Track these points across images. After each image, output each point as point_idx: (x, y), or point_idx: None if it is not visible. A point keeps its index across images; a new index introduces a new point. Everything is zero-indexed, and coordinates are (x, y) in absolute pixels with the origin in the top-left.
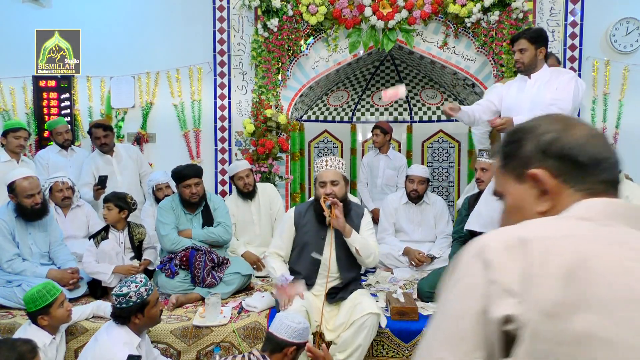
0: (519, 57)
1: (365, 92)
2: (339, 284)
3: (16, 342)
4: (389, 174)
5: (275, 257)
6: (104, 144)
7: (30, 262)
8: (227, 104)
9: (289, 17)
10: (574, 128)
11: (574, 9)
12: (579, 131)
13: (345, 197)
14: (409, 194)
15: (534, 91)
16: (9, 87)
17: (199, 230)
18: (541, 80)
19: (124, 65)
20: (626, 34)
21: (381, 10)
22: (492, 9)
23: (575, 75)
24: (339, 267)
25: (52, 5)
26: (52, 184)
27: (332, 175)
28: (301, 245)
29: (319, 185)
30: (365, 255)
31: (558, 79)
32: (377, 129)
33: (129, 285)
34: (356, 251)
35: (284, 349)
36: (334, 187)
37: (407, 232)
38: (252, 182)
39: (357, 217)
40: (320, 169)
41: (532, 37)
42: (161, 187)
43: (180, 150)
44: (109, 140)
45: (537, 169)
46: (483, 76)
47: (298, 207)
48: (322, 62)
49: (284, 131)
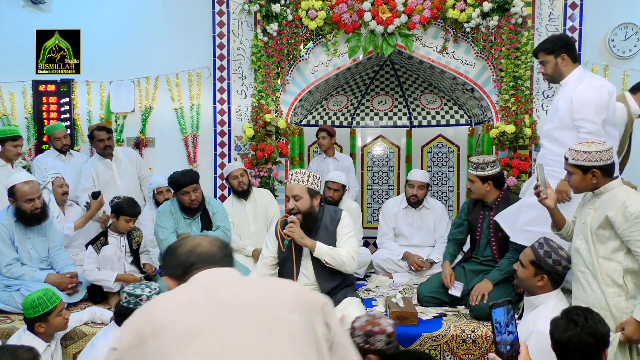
0: (542, 70)
1: (365, 96)
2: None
3: (18, 350)
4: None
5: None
6: (108, 147)
7: (29, 267)
8: (227, 108)
9: (288, 21)
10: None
11: (573, 14)
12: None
13: (310, 210)
14: (409, 199)
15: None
16: (9, 91)
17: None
18: (566, 88)
19: (123, 69)
20: (625, 39)
21: (380, 15)
22: (492, 14)
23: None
24: (317, 277)
25: (51, 10)
26: (53, 179)
27: (295, 190)
28: (281, 259)
29: (286, 199)
30: (337, 264)
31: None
32: (323, 132)
33: (144, 289)
34: (325, 262)
35: None
36: (296, 202)
37: (407, 236)
38: (246, 182)
39: (332, 223)
40: (287, 184)
41: (547, 48)
42: (162, 191)
43: (180, 154)
44: (112, 142)
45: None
46: (482, 81)
47: (281, 217)
48: (322, 67)
49: (283, 136)
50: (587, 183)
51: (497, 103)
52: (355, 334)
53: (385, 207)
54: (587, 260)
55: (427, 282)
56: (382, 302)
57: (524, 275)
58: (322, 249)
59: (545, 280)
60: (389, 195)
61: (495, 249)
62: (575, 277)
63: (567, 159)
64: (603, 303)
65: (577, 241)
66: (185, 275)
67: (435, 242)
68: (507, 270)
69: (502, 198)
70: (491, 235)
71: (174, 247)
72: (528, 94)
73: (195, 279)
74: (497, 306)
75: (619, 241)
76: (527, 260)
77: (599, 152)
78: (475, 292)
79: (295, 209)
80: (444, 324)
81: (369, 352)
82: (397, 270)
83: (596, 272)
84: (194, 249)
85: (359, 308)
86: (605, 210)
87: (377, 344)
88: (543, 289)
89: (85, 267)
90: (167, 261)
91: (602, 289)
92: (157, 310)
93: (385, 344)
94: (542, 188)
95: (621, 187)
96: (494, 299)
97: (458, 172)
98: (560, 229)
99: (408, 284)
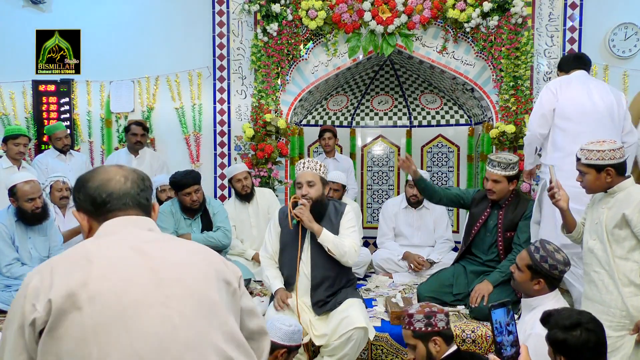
0: None
1: (365, 96)
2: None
3: None
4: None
5: (269, 265)
6: (139, 142)
7: (29, 267)
8: (227, 108)
9: (288, 21)
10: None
11: (573, 14)
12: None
13: (321, 198)
14: (409, 199)
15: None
16: (9, 91)
17: (198, 235)
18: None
19: (123, 69)
20: (625, 39)
21: (380, 15)
22: (491, 14)
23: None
24: (312, 265)
25: (51, 10)
26: (52, 182)
27: (309, 176)
28: (282, 246)
29: (297, 186)
30: (339, 254)
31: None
32: (329, 132)
33: None
34: (328, 250)
35: (274, 351)
36: (309, 188)
37: (407, 236)
38: (250, 185)
39: (335, 216)
40: (298, 171)
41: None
42: (164, 189)
43: (181, 154)
44: (144, 140)
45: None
46: (482, 81)
47: (283, 207)
48: (322, 67)
49: (283, 136)
50: (601, 182)
51: (497, 103)
52: (415, 319)
53: (385, 207)
54: (602, 260)
55: (427, 282)
56: (382, 302)
57: (520, 279)
58: (328, 235)
59: (542, 283)
60: (389, 195)
61: (501, 249)
62: (589, 278)
63: (580, 159)
64: (619, 303)
65: (590, 241)
66: (99, 216)
67: (435, 242)
68: (508, 272)
69: (513, 197)
70: (499, 235)
71: (84, 179)
72: (528, 93)
73: (115, 230)
74: (497, 307)
75: (635, 240)
76: (523, 264)
77: (612, 151)
78: (475, 294)
79: (308, 194)
80: None
81: (432, 334)
82: (397, 270)
83: (613, 272)
84: (105, 184)
85: (361, 308)
86: (622, 209)
87: (439, 323)
88: (540, 292)
89: None
90: (77, 195)
91: (619, 289)
92: (93, 271)
93: (446, 323)
94: (556, 190)
95: (635, 186)
96: (493, 300)
97: (458, 172)
98: (570, 231)
99: (408, 284)
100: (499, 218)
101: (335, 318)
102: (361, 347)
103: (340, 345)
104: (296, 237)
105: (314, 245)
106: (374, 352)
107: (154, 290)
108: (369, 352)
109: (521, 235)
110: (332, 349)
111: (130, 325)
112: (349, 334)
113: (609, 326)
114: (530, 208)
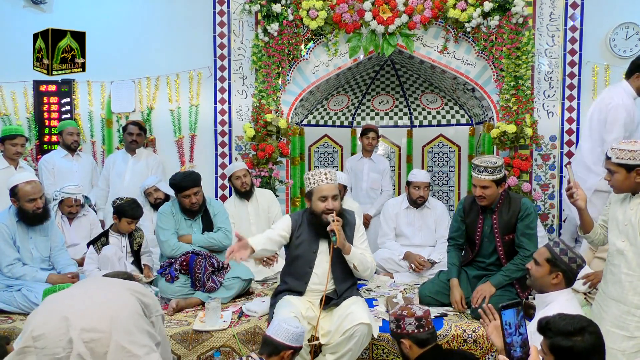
0: None
1: (366, 96)
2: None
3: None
4: (373, 178)
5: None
6: (134, 142)
7: (30, 267)
8: (227, 108)
9: (289, 21)
10: None
11: (574, 13)
12: None
13: (341, 210)
14: (415, 200)
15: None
16: (10, 91)
17: (199, 235)
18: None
19: (124, 69)
20: (626, 38)
21: (381, 15)
22: (492, 13)
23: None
24: (335, 280)
25: (52, 10)
26: (64, 198)
27: (334, 189)
28: (292, 258)
29: (319, 199)
30: (363, 269)
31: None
32: (373, 132)
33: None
34: (354, 267)
35: (281, 352)
36: (334, 202)
37: (408, 236)
38: (249, 182)
39: (350, 228)
40: (320, 183)
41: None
42: (150, 192)
43: (178, 155)
44: (140, 140)
45: None
46: (483, 81)
47: (294, 215)
48: (322, 67)
49: (284, 136)
50: (630, 182)
51: (497, 103)
52: (391, 319)
53: (386, 207)
54: (633, 262)
55: (428, 282)
56: (383, 302)
57: (538, 274)
58: (355, 253)
59: (559, 277)
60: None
61: (502, 252)
62: (616, 278)
63: (610, 157)
64: None
65: (618, 243)
66: None
67: (436, 242)
68: (512, 276)
69: (503, 199)
70: (497, 240)
71: None
72: (529, 93)
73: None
74: (507, 307)
75: None
76: (542, 258)
77: None
78: (476, 295)
79: (335, 209)
80: (445, 323)
81: (401, 336)
82: (398, 270)
83: None
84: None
85: (363, 307)
86: None
87: (407, 327)
88: (556, 287)
89: (86, 267)
90: None
91: None
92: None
93: (415, 327)
94: (574, 190)
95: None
96: (494, 302)
97: (459, 172)
98: (588, 231)
99: (409, 284)
100: (493, 223)
101: (338, 314)
102: (364, 344)
103: (343, 342)
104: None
105: (333, 259)
106: (375, 351)
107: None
108: (369, 352)
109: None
110: (335, 345)
111: None
112: (353, 330)
113: (636, 327)
114: (524, 206)
